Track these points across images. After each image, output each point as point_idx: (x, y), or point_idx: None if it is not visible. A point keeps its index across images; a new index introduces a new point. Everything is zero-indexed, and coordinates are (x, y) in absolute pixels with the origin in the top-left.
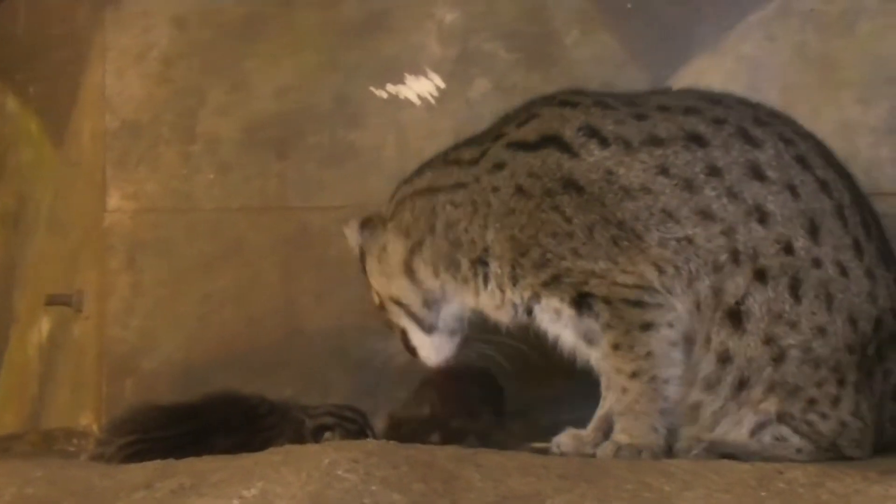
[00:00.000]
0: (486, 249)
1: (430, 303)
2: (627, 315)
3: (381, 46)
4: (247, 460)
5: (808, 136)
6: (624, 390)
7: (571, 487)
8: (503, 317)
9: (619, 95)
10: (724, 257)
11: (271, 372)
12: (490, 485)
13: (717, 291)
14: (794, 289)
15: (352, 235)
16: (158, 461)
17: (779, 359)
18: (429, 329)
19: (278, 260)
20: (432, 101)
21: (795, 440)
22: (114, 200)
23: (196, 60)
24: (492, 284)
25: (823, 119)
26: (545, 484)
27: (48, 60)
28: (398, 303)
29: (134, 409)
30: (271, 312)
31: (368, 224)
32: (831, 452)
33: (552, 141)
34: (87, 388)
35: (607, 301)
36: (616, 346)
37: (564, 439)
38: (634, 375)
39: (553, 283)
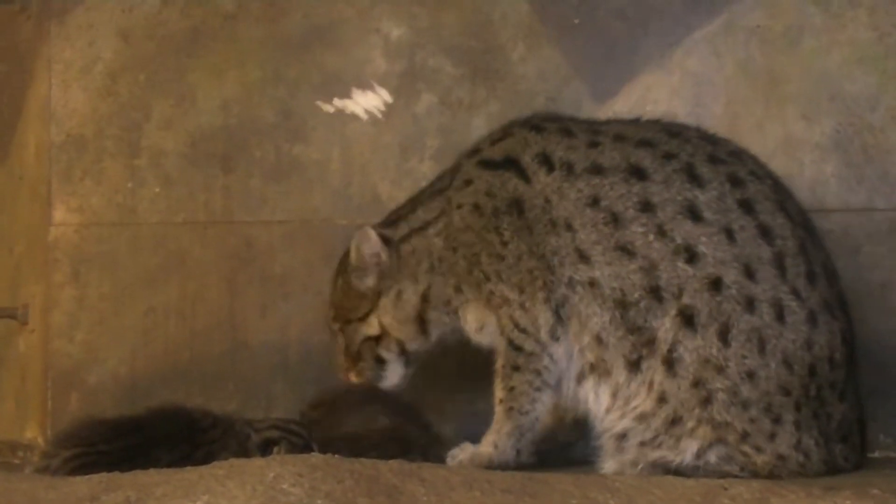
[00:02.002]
0: (457, 274)
1: (431, 343)
2: (506, 351)
3: (326, 60)
4: (191, 473)
5: (765, 178)
6: (495, 410)
7: (515, 502)
8: (483, 340)
9: (586, 122)
10: (636, 294)
11: (215, 385)
12: (435, 499)
13: (635, 329)
14: (724, 334)
15: (370, 245)
16: (104, 474)
17: (706, 401)
18: (411, 363)
19: (223, 274)
20: (378, 115)
21: (736, 466)
22: (59, 214)
23: (141, 74)
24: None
25: (768, 135)
26: (489, 498)
27: None
28: (399, 342)
29: (79, 422)
30: (215, 326)
31: (387, 251)
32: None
33: (512, 164)
34: (32, 401)
35: (502, 331)
36: (496, 373)
37: (458, 452)
38: (500, 402)
39: (487, 302)
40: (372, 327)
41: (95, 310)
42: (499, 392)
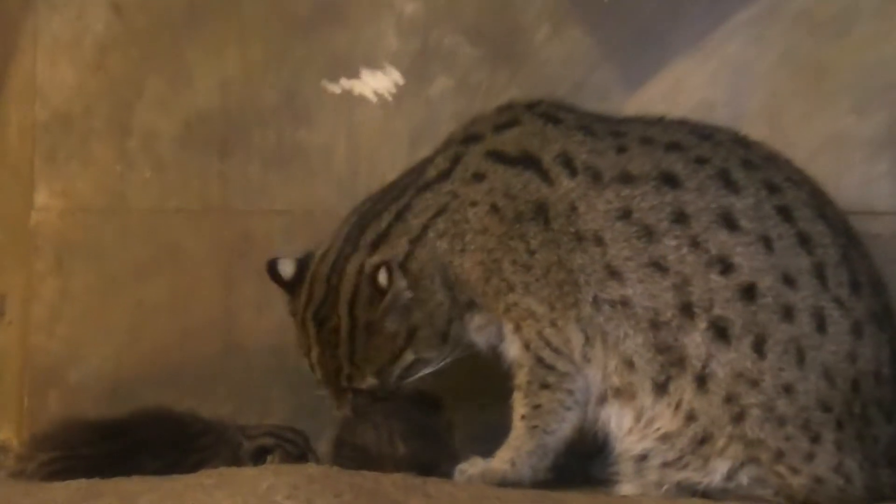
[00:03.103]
0: (465, 280)
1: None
2: (536, 370)
3: (334, 39)
4: (178, 483)
5: (802, 184)
6: (514, 425)
7: None
8: (480, 340)
9: (604, 119)
10: (669, 314)
11: (207, 388)
12: None
13: (665, 349)
14: (759, 345)
15: (397, 284)
16: (83, 480)
17: (739, 417)
18: None
19: (218, 267)
20: (389, 98)
21: (770, 490)
22: (41, 198)
23: (134, 49)
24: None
25: (813, 130)
26: None
27: None
28: (426, 362)
29: (58, 423)
30: (209, 324)
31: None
32: None
33: (532, 163)
34: (7, 399)
35: (527, 347)
36: (518, 388)
37: (467, 466)
38: (523, 418)
39: (507, 313)
40: (406, 361)
41: (79, 302)
42: (521, 408)
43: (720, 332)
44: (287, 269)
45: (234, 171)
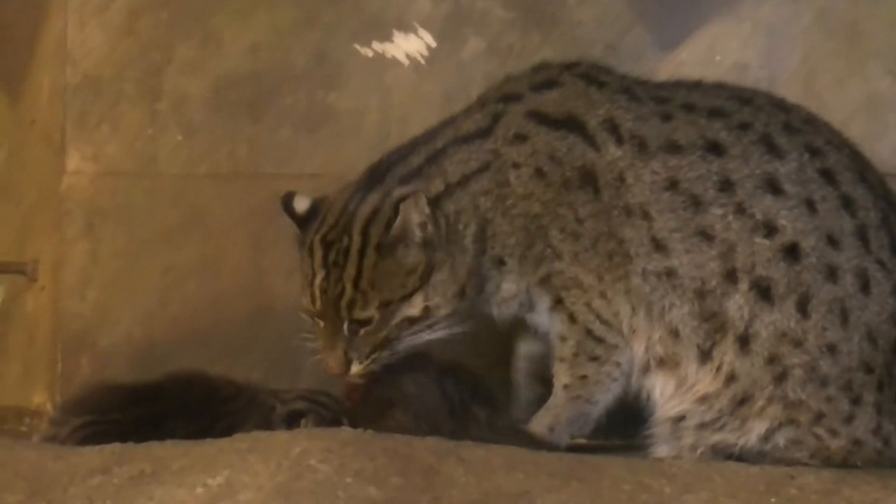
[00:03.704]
0: (504, 244)
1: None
2: (584, 342)
3: (365, 1)
4: (211, 447)
5: (843, 147)
6: (555, 393)
7: (562, 486)
8: (505, 311)
9: (643, 83)
10: (714, 282)
11: (237, 352)
12: (474, 480)
13: (710, 316)
14: (803, 305)
15: (419, 212)
16: (116, 445)
17: (780, 378)
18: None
19: (248, 231)
20: (421, 61)
21: (806, 452)
22: (72, 162)
23: (164, 12)
24: (506, 282)
25: (848, 92)
26: (534, 482)
27: (2, 8)
28: (432, 324)
29: (90, 388)
30: (239, 288)
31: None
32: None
33: (576, 127)
34: (40, 364)
35: (573, 319)
36: (562, 359)
37: None
38: (566, 388)
39: (545, 281)
40: (414, 308)
41: (109, 267)
42: (564, 377)
43: (763, 292)
44: (302, 204)
45: (263, 135)
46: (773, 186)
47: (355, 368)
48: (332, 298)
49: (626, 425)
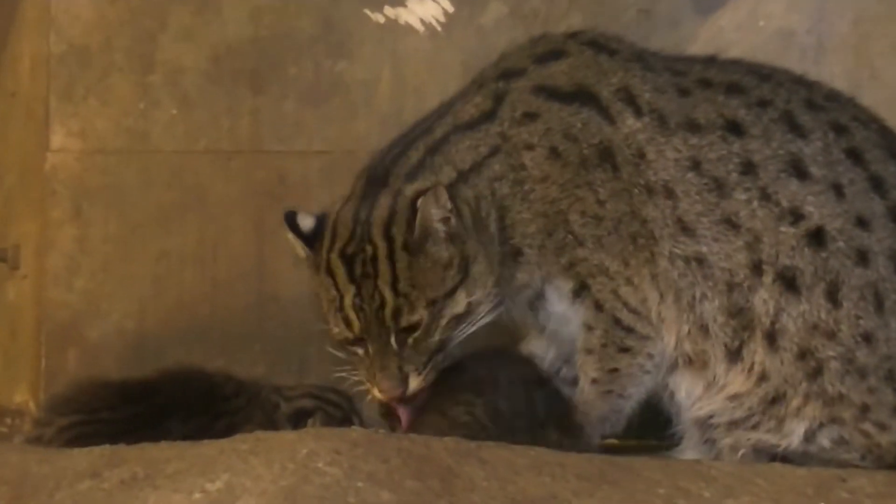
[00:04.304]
0: (523, 232)
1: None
2: (612, 332)
3: None
4: (210, 448)
5: (870, 123)
6: (582, 389)
7: (593, 490)
8: (520, 301)
9: (654, 53)
10: (742, 274)
11: (238, 345)
12: (496, 484)
13: (737, 312)
14: (832, 293)
15: (439, 207)
16: (106, 446)
17: (815, 373)
18: None
19: (249, 213)
20: (438, 27)
21: (856, 453)
22: (57, 139)
23: None
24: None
25: None
26: (561, 485)
27: None
28: (476, 320)
29: (77, 385)
30: (240, 275)
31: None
32: None
33: (589, 99)
34: (23, 359)
35: (600, 307)
36: (588, 351)
37: None
38: (594, 382)
39: (568, 269)
40: (459, 304)
41: (99, 253)
42: (593, 372)
43: (788, 282)
44: (307, 222)
45: (267, 108)
46: (798, 169)
47: (414, 382)
48: (372, 312)
49: (651, 424)
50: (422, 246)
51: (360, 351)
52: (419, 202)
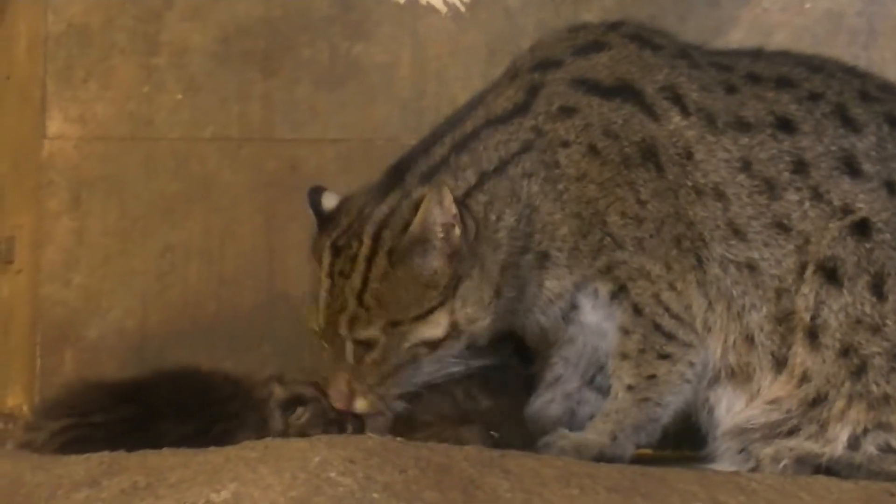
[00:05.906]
0: (552, 235)
1: None
2: (652, 337)
3: None
4: (215, 455)
5: None
6: (616, 396)
7: (623, 502)
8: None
9: (701, 49)
10: (790, 279)
11: (247, 345)
12: (521, 496)
13: (783, 318)
14: (878, 286)
15: (443, 210)
16: (105, 453)
17: (859, 371)
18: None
19: (260, 205)
20: (461, 6)
21: None
22: (55, 124)
23: None
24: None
25: None
26: (590, 498)
27: None
28: (469, 340)
29: (71, 387)
30: (249, 271)
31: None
32: None
33: (632, 95)
34: (16, 359)
35: (638, 311)
36: (624, 356)
37: (553, 440)
38: (630, 389)
39: (605, 272)
40: (437, 328)
41: (98, 247)
42: (629, 378)
43: (828, 273)
44: (330, 202)
45: (279, 93)
46: (850, 166)
47: (359, 404)
48: (332, 313)
49: (687, 434)
50: (408, 256)
51: (326, 348)
52: (424, 201)
